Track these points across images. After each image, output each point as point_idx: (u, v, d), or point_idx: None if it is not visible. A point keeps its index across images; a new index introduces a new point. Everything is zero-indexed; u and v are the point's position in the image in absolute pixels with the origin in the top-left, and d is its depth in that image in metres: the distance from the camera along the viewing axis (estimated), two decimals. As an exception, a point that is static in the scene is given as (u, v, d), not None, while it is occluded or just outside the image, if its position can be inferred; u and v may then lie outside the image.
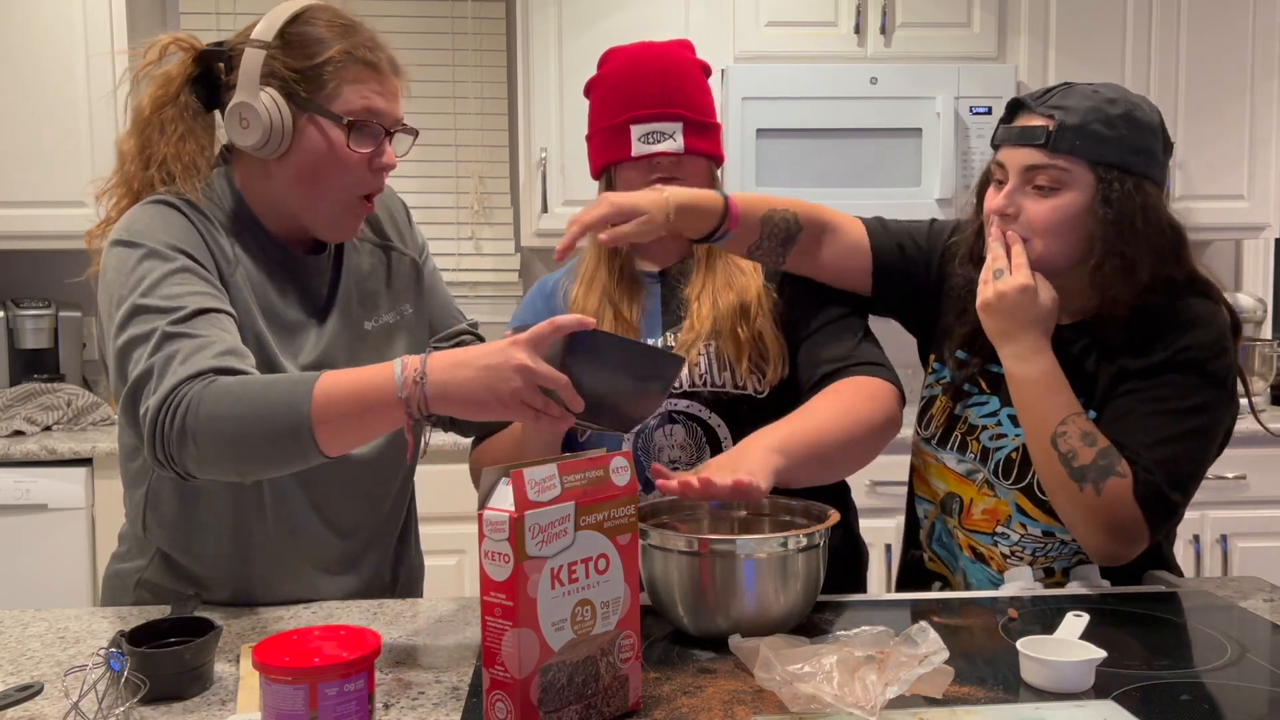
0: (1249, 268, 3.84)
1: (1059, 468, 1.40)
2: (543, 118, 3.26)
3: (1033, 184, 1.44)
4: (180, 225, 1.35)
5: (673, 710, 1.10)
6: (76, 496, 2.93)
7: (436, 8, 3.53)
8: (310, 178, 1.37)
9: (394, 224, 1.59)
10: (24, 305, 3.27)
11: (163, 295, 1.27)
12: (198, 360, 1.22)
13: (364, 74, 1.36)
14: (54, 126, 3.13)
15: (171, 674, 1.15)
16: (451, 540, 2.84)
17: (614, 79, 1.62)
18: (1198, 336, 1.42)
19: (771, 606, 1.27)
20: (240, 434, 1.19)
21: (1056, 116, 1.42)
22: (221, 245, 1.37)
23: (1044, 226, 1.44)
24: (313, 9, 1.38)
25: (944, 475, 1.59)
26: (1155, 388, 1.42)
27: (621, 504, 1.09)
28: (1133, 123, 1.43)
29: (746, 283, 1.62)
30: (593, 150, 1.66)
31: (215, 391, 1.19)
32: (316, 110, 1.35)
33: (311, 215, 1.41)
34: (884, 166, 3.20)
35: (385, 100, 1.38)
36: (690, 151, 1.57)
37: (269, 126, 1.33)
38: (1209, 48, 3.33)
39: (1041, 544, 1.50)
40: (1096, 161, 1.41)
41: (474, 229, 3.64)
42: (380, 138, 1.38)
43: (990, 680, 1.17)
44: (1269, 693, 1.16)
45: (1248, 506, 3.12)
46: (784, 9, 3.26)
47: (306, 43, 1.35)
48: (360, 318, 1.50)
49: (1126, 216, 1.41)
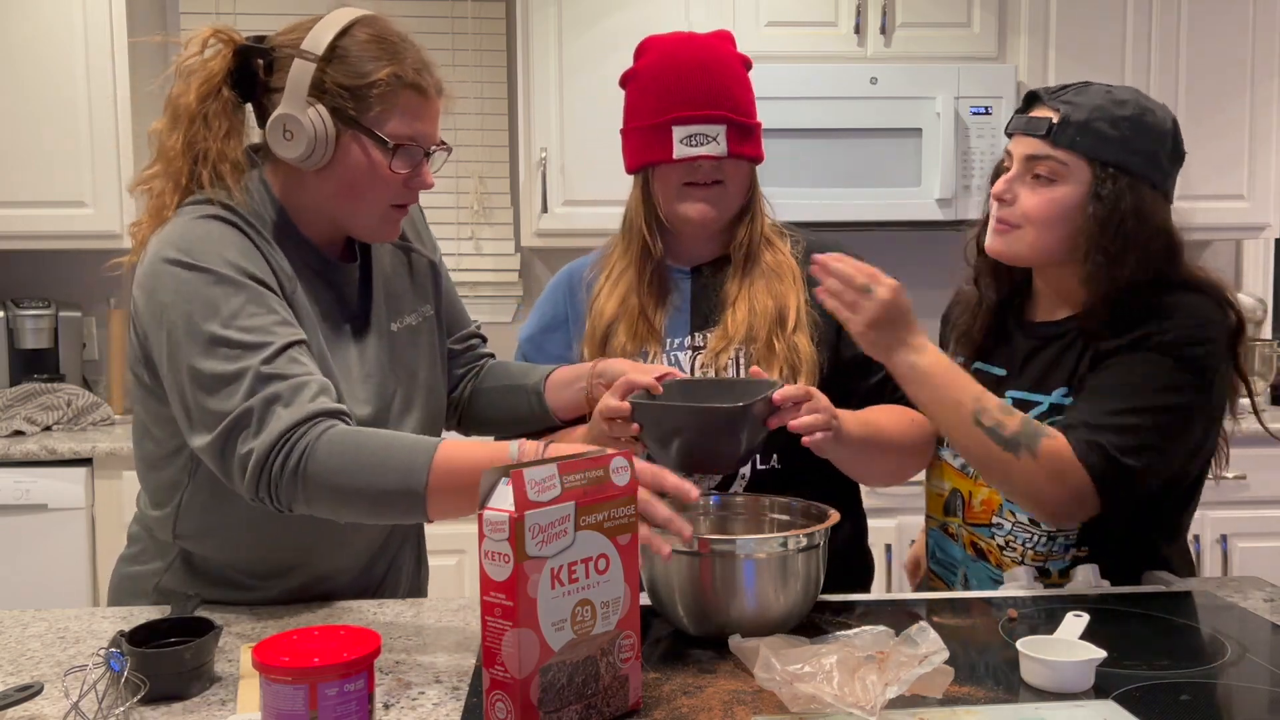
0: (1249, 268, 3.83)
1: (990, 444, 1.39)
2: (543, 118, 3.26)
3: (1032, 173, 1.46)
4: (241, 245, 1.33)
5: (673, 710, 1.10)
6: (76, 496, 2.93)
7: (436, 8, 3.53)
8: (349, 191, 1.38)
9: (413, 225, 1.59)
10: (24, 305, 3.27)
11: (243, 328, 1.26)
12: (300, 404, 1.24)
13: (411, 98, 1.36)
14: (54, 126, 3.13)
15: (171, 674, 1.15)
16: (451, 540, 2.84)
17: (654, 72, 1.57)
18: (1176, 323, 1.41)
19: (771, 606, 1.27)
20: (356, 488, 1.22)
21: (1063, 110, 1.45)
22: (280, 263, 1.36)
23: (1037, 216, 1.46)
24: (362, 22, 1.37)
25: (948, 473, 1.61)
26: (1125, 365, 1.42)
27: (621, 504, 1.08)
28: (1139, 126, 1.44)
29: (786, 291, 1.59)
30: (630, 147, 1.62)
31: (332, 443, 1.22)
32: (362, 130, 1.34)
33: (351, 223, 1.42)
34: (884, 166, 3.20)
35: (428, 124, 1.38)
36: (733, 155, 1.54)
37: (313, 140, 1.32)
38: (1209, 48, 3.33)
39: (1030, 533, 1.51)
40: (1094, 158, 1.43)
41: (474, 229, 3.64)
42: (420, 159, 1.39)
43: (990, 680, 1.17)
44: (1269, 693, 1.16)
45: (1248, 506, 3.11)
46: (784, 9, 3.26)
47: (356, 60, 1.34)
48: (387, 320, 1.50)
49: (1116, 215, 1.42)
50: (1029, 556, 1.51)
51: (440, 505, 1.22)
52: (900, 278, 1.43)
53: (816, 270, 1.44)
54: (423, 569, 1.69)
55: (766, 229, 1.64)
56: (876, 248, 2.93)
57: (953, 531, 1.61)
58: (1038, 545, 1.51)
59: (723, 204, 1.57)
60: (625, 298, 1.60)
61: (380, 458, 1.22)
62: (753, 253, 1.61)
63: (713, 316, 1.61)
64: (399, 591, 1.60)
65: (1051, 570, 1.51)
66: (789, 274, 1.60)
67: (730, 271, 1.61)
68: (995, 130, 3.19)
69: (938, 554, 1.66)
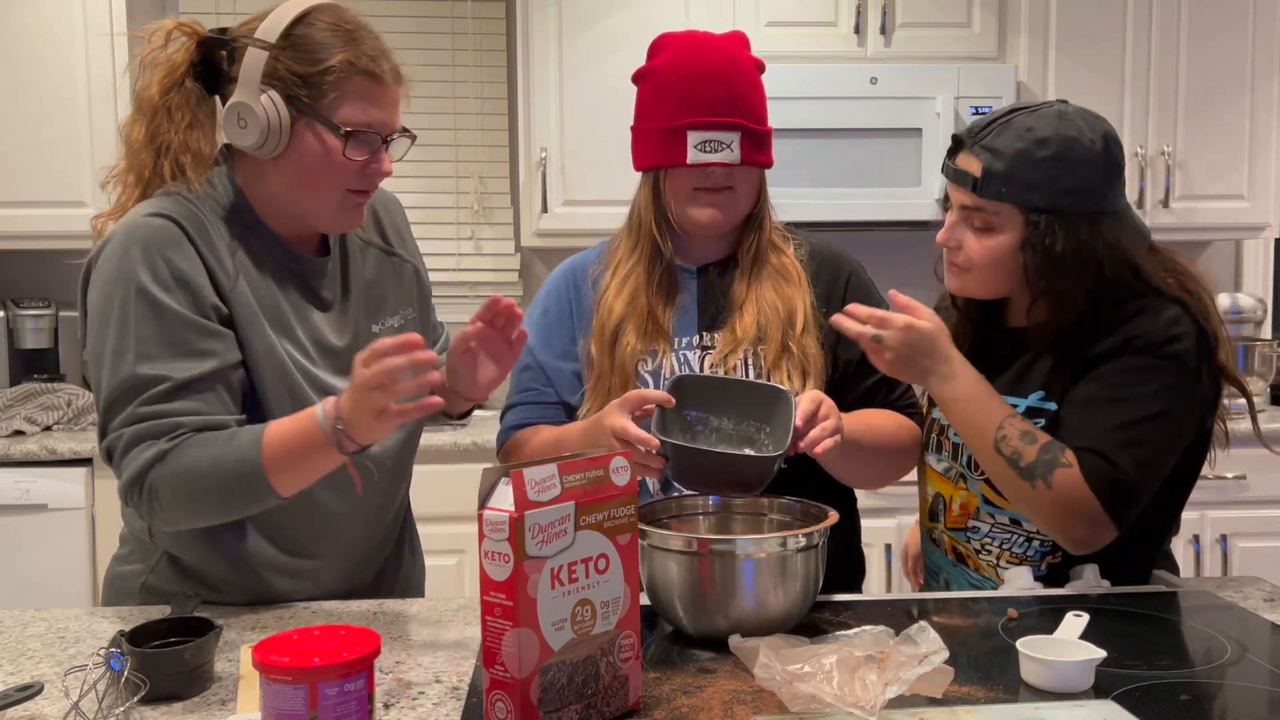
0: (1249, 268, 3.83)
1: (1008, 471, 1.42)
2: (543, 118, 3.25)
3: (969, 223, 1.50)
4: (178, 250, 1.34)
5: (673, 710, 1.10)
6: (76, 496, 2.93)
7: (436, 8, 3.53)
8: (304, 180, 1.38)
9: (396, 231, 1.59)
10: (24, 305, 3.27)
11: (147, 356, 1.31)
12: (159, 444, 1.31)
13: (366, 85, 1.36)
14: (54, 126, 3.12)
15: (171, 674, 1.15)
16: (451, 540, 2.84)
17: (670, 74, 1.57)
18: (1148, 323, 1.43)
19: (771, 606, 1.27)
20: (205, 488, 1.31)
21: (983, 161, 1.45)
22: (222, 259, 1.37)
23: (980, 262, 1.49)
24: (318, 10, 1.37)
25: (932, 478, 1.62)
26: (1111, 375, 1.43)
27: (621, 504, 1.09)
28: (1064, 162, 1.43)
29: (793, 294, 1.59)
30: (641, 146, 1.61)
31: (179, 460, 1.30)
32: (315, 117, 1.35)
33: (309, 213, 1.41)
34: (884, 166, 3.20)
35: (384, 110, 1.38)
36: (746, 162, 1.55)
37: (266, 128, 1.33)
38: (1209, 48, 3.33)
39: (1009, 534, 1.51)
40: (1023, 206, 1.44)
41: (474, 229, 3.64)
42: (377, 146, 1.38)
43: (990, 680, 1.17)
44: (1269, 693, 1.16)
45: (1248, 506, 3.11)
46: (784, 9, 3.26)
47: (310, 47, 1.34)
48: (368, 321, 1.51)
49: (1051, 259, 1.44)
50: (1004, 559, 1.52)
51: (281, 478, 1.30)
52: (900, 277, 1.44)
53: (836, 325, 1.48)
54: (418, 568, 1.69)
55: (772, 232, 1.65)
56: (876, 248, 2.94)
57: (936, 537, 1.62)
58: (1014, 546, 1.51)
59: (732, 209, 1.59)
60: (634, 297, 1.60)
61: (219, 452, 1.30)
62: (760, 255, 1.62)
63: (720, 317, 1.61)
64: (393, 595, 1.60)
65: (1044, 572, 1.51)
66: (795, 276, 1.61)
67: (738, 274, 1.62)
68: (995, 130, 3.19)
69: (925, 559, 1.68)
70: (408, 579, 1.65)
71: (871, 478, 1.65)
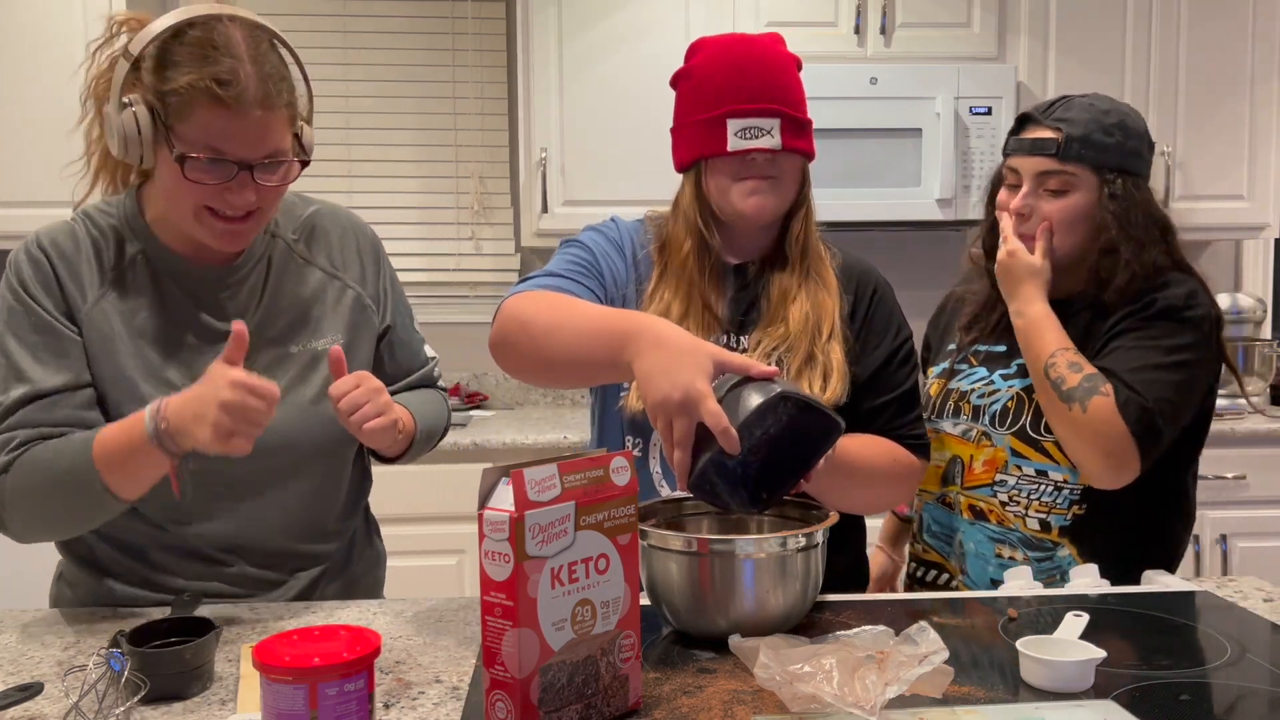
0: (1249, 268, 3.83)
1: (1051, 394, 1.59)
2: (543, 118, 3.26)
3: (1045, 187, 1.66)
4: (34, 274, 1.40)
5: (673, 710, 1.10)
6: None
7: (436, 8, 3.53)
8: (165, 195, 1.38)
9: (357, 258, 1.56)
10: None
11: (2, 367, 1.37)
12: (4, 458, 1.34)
13: (210, 109, 1.29)
14: (54, 126, 3.12)
15: (171, 674, 1.15)
16: (451, 540, 2.84)
17: (708, 70, 1.55)
18: (1171, 291, 1.62)
19: (771, 606, 1.27)
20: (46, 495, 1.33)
21: (1063, 129, 1.64)
22: (82, 281, 1.40)
23: (1057, 222, 1.65)
24: (196, 23, 1.32)
25: (949, 442, 1.73)
26: (1140, 327, 1.61)
27: (621, 504, 1.09)
28: (1125, 130, 1.65)
29: (826, 301, 1.57)
30: (682, 143, 1.60)
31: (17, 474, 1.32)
32: (163, 136, 1.32)
33: (183, 228, 1.40)
34: (884, 166, 3.21)
35: (233, 138, 1.30)
36: (787, 148, 1.53)
37: (124, 137, 1.32)
38: (1209, 48, 3.33)
39: (1035, 485, 1.64)
40: (1099, 165, 1.63)
41: (474, 229, 3.64)
42: (228, 171, 1.32)
43: (990, 680, 1.17)
44: (1269, 693, 1.16)
45: (1248, 506, 3.11)
46: (784, 9, 3.26)
47: (165, 65, 1.31)
48: (286, 339, 1.48)
49: (1125, 210, 1.63)
50: (1033, 508, 1.63)
51: (114, 479, 1.30)
52: (900, 277, 1.44)
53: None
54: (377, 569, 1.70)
55: (816, 233, 1.63)
56: (876, 248, 2.94)
57: (950, 500, 1.72)
58: (1043, 495, 1.63)
59: (776, 197, 1.56)
60: (689, 293, 1.57)
61: (56, 453, 1.32)
62: (809, 248, 1.60)
63: (756, 314, 1.59)
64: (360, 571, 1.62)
65: (1053, 525, 1.63)
66: (831, 283, 1.60)
67: (787, 267, 1.59)
68: (995, 130, 3.20)
69: (933, 527, 1.76)
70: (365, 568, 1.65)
71: (857, 506, 1.59)
